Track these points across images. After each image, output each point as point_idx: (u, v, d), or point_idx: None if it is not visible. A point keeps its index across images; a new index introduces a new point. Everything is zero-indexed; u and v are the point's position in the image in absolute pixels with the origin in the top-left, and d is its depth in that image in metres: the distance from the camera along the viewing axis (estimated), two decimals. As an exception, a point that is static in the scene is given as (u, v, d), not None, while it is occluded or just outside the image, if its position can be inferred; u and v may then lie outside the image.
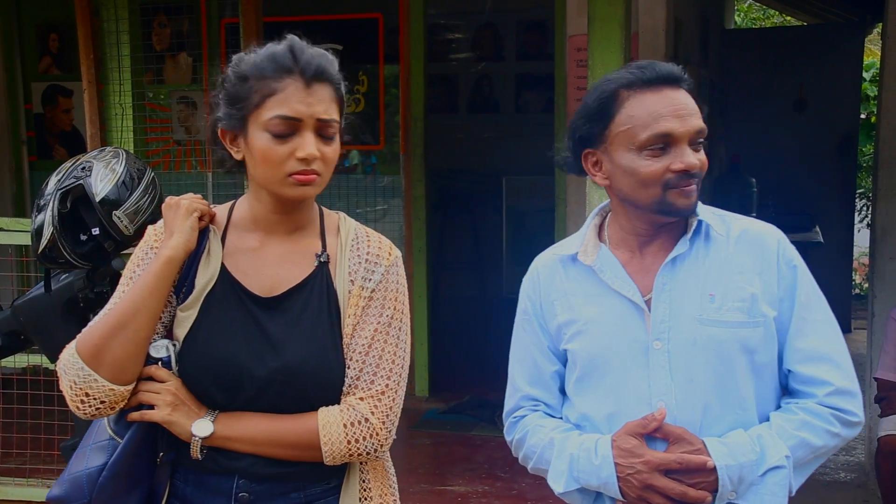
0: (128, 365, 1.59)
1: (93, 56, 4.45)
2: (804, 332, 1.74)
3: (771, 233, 1.79)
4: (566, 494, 1.77)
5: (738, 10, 12.07)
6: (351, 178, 5.91)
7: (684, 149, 1.70)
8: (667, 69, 1.73)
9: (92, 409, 1.59)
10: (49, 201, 2.19)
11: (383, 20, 5.59)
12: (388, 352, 1.66)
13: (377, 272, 1.68)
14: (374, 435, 1.63)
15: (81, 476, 1.62)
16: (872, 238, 4.72)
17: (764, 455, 1.67)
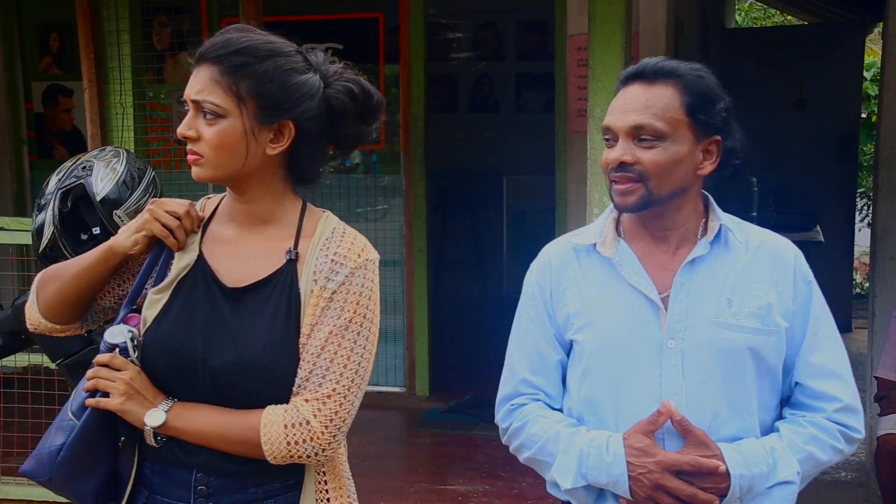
0: (55, 308, 1.74)
1: (93, 55, 4.44)
2: (816, 347, 1.77)
3: (788, 247, 1.81)
4: (572, 491, 1.76)
5: (739, 10, 12.07)
6: (352, 177, 5.91)
7: (619, 143, 1.73)
8: (641, 65, 1.75)
9: (31, 326, 1.78)
10: (50, 201, 2.19)
11: (384, 20, 5.59)
12: (340, 355, 1.61)
13: (341, 273, 1.64)
14: (314, 438, 1.59)
15: (44, 454, 1.66)
16: (873, 237, 4.72)
17: (775, 468, 1.68)
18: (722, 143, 1.76)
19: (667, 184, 1.71)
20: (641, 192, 1.71)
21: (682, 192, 1.75)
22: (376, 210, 5.88)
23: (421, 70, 5.47)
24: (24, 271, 5.15)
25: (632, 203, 1.73)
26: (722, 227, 1.78)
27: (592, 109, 3.02)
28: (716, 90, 1.75)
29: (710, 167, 1.76)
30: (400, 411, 5.41)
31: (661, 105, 1.71)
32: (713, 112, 1.73)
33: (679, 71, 1.74)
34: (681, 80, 1.72)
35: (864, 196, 9.40)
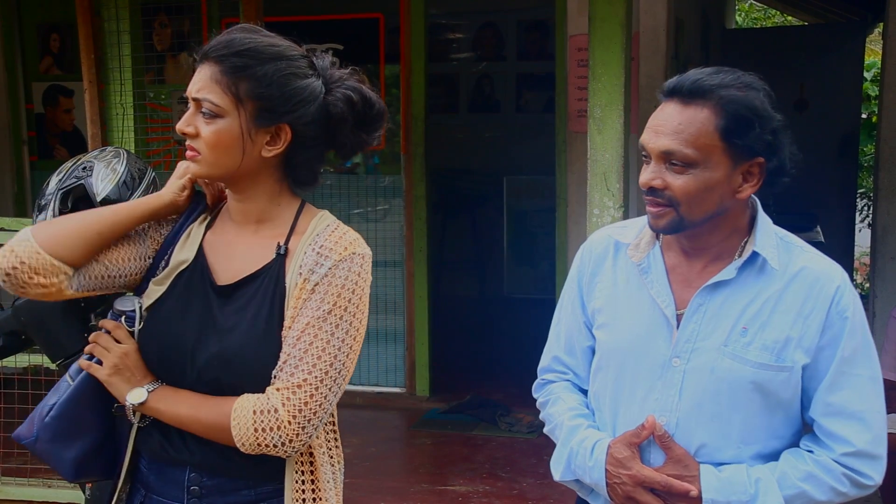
0: (62, 239, 1.61)
1: (94, 56, 4.44)
2: (840, 385, 1.67)
3: (832, 277, 1.69)
4: (563, 482, 1.84)
5: (739, 10, 12.07)
6: (352, 177, 5.91)
7: (651, 165, 1.67)
8: (679, 81, 1.66)
9: (9, 264, 1.58)
10: (50, 201, 2.19)
11: (384, 20, 5.58)
12: (315, 346, 1.60)
13: (324, 266, 1.63)
14: (280, 427, 1.57)
15: (36, 414, 1.68)
16: (873, 238, 4.72)
17: (755, 499, 1.64)
18: (765, 164, 1.66)
19: (698, 210, 1.65)
20: (672, 216, 1.66)
21: (717, 215, 1.68)
22: (376, 210, 5.88)
23: (421, 70, 5.47)
24: (25, 272, 5.15)
25: (663, 226, 1.69)
26: (755, 253, 1.69)
27: (593, 110, 3.02)
28: (759, 110, 1.63)
29: (751, 190, 1.67)
30: (400, 412, 5.41)
31: (694, 130, 1.62)
32: (753, 135, 1.62)
33: (718, 91, 1.63)
34: (718, 102, 1.62)
35: (865, 196, 9.40)
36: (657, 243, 1.78)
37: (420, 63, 5.46)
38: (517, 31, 8.24)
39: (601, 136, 3.02)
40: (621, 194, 3.03)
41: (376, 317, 5.70)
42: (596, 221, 3.04)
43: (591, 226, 3.06)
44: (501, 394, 5.52)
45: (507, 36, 8.30)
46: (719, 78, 1.65)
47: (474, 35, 8.43)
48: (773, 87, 1.72)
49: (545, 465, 4.81)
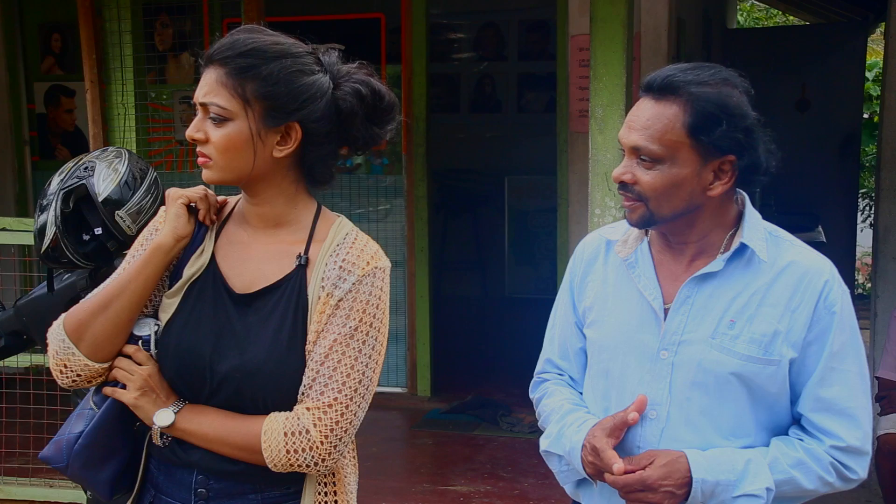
0: (105, 344, 1.63)
1: (95, 56, 4.44)
2: (829, 380, 1.67)
3: (820, 271, 1.68)
4: (546, 455, 1.86)
5: (741, 10, 12.06)
6: (353, 177, 5.91)
7: (623, 160, 1.70)
8: (651, 77, 1.68)
9: (69, 380, 1.65)
10: (52, 201, 2.19)
11: (385, 20, 5.58)
12: (344, 364, 1.59)
13: (348, 280, 1.61)
14: (313, 448, 1.57)
15: (63, 440, 1.67)
16: (875, 238, 4.72)
17: (743, 478, 1.64)
18: (736, 162, 1.65)
19: (667, 205, 1.66)
20: (642, 210, 1.68)
21: (689, 211, 1.68)
22: (378, 210, 5.88)
23: (423, 70, 5.47)
24: (27, 272, 5.16)
25: (635, 220, 1.71)
26: (744, 245, 1.69)
27: (594, 110, 3.02)
28: (730, 108, 1.62)
29: (722, 188, 1.66)
30: (402, 412, 5.41)
31: (660, 126, 1.63)
32: (721, 133, 1.62)
33: (688, 87, 1.63)
34: (688, 98, 1.62)
35: (866, 196, 9.39)
36: (645, 239, 1.79)
37: (421, 63, 5.47)
38: (518, 31, 8.24)
39: (602, 135, 3.02)
40: (623, 194, 3.02)
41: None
42: (597, 221, 3.04)
43: (593, 226, 3.05)
44: (503, 394, 5.52)
45: (509, 36, 8.30)
46: (693, 74, 1.65)
47: (475, 35, 8.43)
48: (774, 87, 1.72)
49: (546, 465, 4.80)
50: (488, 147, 8.33)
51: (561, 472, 1.85)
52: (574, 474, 1.82)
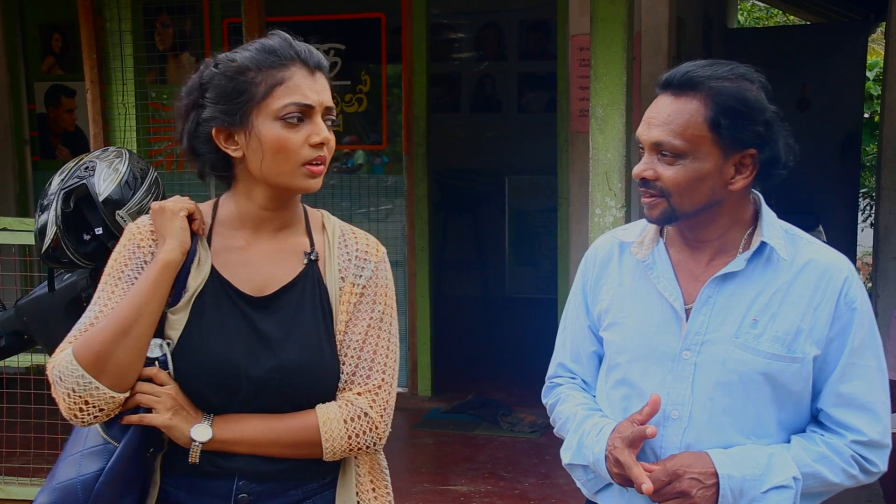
0: (130, 372, 1.57)
1: (96, 56, 4.45)
2: (850, 376, 1.68)
3: (840, 268, 1.70)
4: (571, 468, 1.83)
5: (741, 10, 12.06)
6: (353, 177, 5.91)
7: (644, 157, 1.69)
8: (671, 73, 1.69)
9: (91, 417, 1.56)
10: (52, 201, 2.19)
11: (386, 20, 5.58)
12: (381, 347, 1.67)
13: (367, 268, 1.69)
14: (373, 429, 1.64)
15: (75, 483, 1.58)
16: (876, 237, 4.72)
17: (769, 472, 1.64)
18: (757, 156, 1.66)
19: (689, 200, 1.67)
20: (664, 206, 1.68)
21: (711, 206, 1.69)
22: (378, 210, 5.88)
23: (423, 70, 5.47)
24: (27, 272, 5.16)
25: (656, 217, 1.71)
26: (764, 243, 1.70)
27: (594, 109, 3.02)
28: (750, 101, 1.65)
29: (743, 181, 1.67)
30: (402, 411, 5.39)
31: (682, 121, 1.64)
32: (742, 127, 1.63)
33: (708, 82, 1.65)
34: (708, 93, 1.64)
35: (867, 196, 9.39)
36: (661, 240, 1.79)
37: (422, 63, 5.46)
38: (519, 30, 8.24)
39: (603, 135, 3.01)
40: (623, 194, 3.02)
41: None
42: (598, 221, 3.04)
43: (593, 226, 3.06)
44: (503, 394, 5.52)
45: (509, 35, 8.30)
46: (711, 70, 1.67)
47: (476, 35, 8.43)
48: (774, 87, 1.72)
49: (547, 465, 4.82)
50: (489, 147, 8.33)
51: (588, 481, 1.83)
52: (600, 482, 1.81)
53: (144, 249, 1.66)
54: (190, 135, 1.65)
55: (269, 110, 1.59)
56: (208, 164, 1.67)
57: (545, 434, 4.89)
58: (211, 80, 1.63)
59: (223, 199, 1.72)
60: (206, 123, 1.63)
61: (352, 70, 5.65)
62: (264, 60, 1.60)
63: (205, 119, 1.63)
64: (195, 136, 1.65)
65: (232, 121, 1.61)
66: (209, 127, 1.63)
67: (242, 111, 1.60)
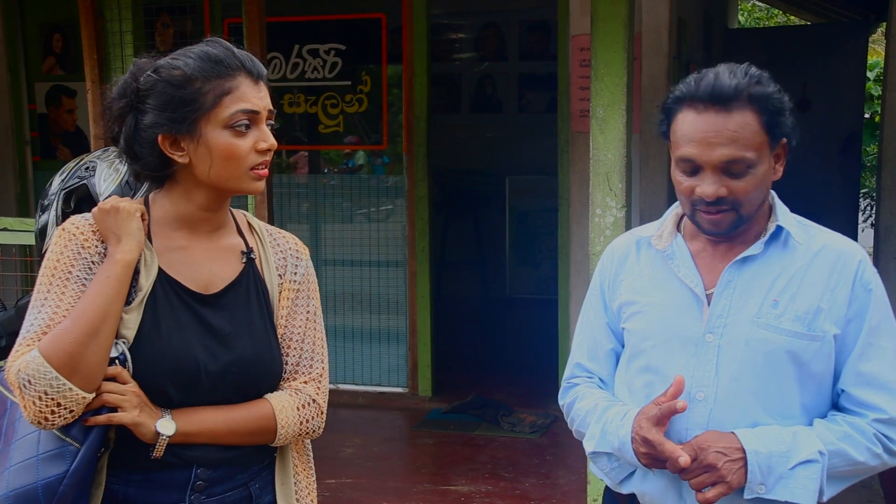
0: (99, 372, 1.58)
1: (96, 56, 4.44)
2: (868, 356, 1.73)
3: (853, 252, 1.78)
4: (594, 457, 1.85)
5: (742, 10, 12.06)
6: (354, 178, 5.91)
7: (707, 175, 1.69)
8: (717, 87, 1.69)
9: (61, 419, 1.55)
10: (53, 201, 2.19)
11: (386, 20, 5.59)
12: (318, 338, 1.80)
13: (301, 265, 1.81)
14: (320, 414, 1.77)
15: (35, 488, 1.56)
16: (876, 237, 4.72)
17: (795, 448, 1.67)
18: (787, 144, 1.76)
19: (754, 203, 1.73)
20: (733, 217, 1.72)
21: (763, 202, 1.77)
22: (379, 211, 5.89)
23: (423, 70, 5.47)
24: (27, 272, 5.16)
25: (724, 228, 1.74)
26: (780, 228, 1.77)
27: (595, 110, 3.02)
28: (782, 98, 1.73)
29: (781, 169, 1.76)
30: (402, 412, 5.41)
31: (748, 134, 1.68)
32: (782, 121, 1.72)
33: (748, 89, 1.69)
34: (755, 101, 1.69)
35: (868, 196, 9.39)
36: (678, 234, 1.85)
37: (422, 63, 5.47)
38: (519, 31, 8.24)
39: (603, 135, 3.02)
40: (624, 194, 3.03)
41: (379, 317, 5.70)
42: (598, 221, 3.04)
43: (594, 226, 3.06)
44: (504, 394, 5.51)
45: (510, 36, 8.30)
46: (740, 76, 1.71)
47: (476, 35, 8.43)
48: (775, 88, 1.76)
49: (548, 465, 4.81)
50: (489, 147, 8.33)
51: (612, 469, 1.85)
52: (625, 469, 1.83)
53: (90, 250, 1.66)
54: (129, 139, 1.68)
55: (218, 119, 1.63)
56: (148, 167, 1.69)
57: (545, 434, 4.89)
58: (153, 88, 1.65)
59: (155, 199, 1.74)
60: (150, 130, 1.65)
61: (352, 70, 5.65)
62: (211, 70, 1.63)
63: (148, 125, 1.65)
64: (135, 140, 1.68)
65: (178, 128, 1.64)
66: (153, 133, 1.65)
67: (190, 119, 1.63)
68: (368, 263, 5.71)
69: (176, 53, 1.68)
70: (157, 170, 1.70)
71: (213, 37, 1.71)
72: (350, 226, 5.79)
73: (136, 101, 1.66)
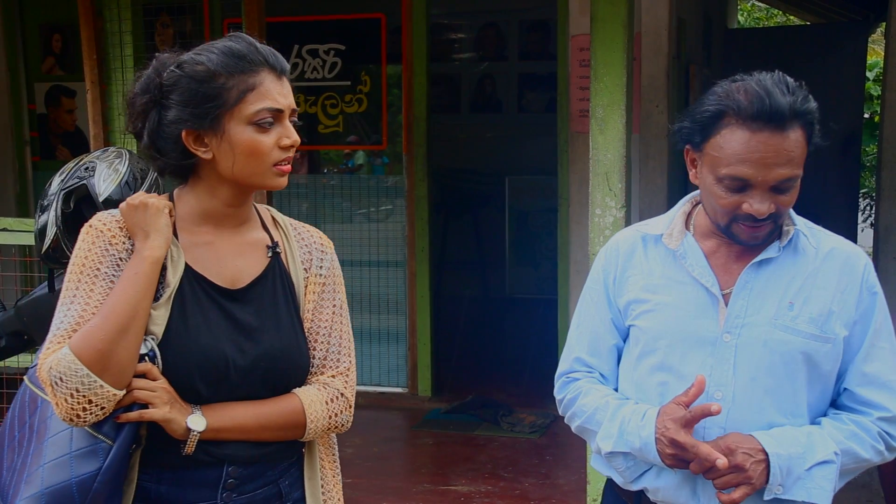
0: (129, 369, 1.58)
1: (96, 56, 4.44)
2: (872, 357, 1.78)
3: (859, 256, 1.82)
4: (611, 456, 1.84)
5: (741, 10, 12.07)
6: (354, 178, 5.91)
7: (758, 194, 1.68)
8: (776, 107, 1.65)
9: (93, 416, 1.56)
10: (52, 201, 2.19)
11: (386, 20, 5.59)
12: (345, 332, 1.79)
13: (326, 260, 1.81)
14: (349, 408, 1.76)
15: (69, 485, 1.57)
16: (876, 237, 4.72)
17: (811, 449, 1.70)
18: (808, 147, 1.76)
19: (788, 212, 1.78)
20: (771, 228, 1.75)
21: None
22: (379, 211, 5.89)
23: (423, 70, 5.47)
24: (27, 272, 5.16)
25: (762, 239, 1.76)
26: (797, 231, 1.80)
27: (595, 110, 3.02)
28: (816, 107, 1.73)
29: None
30: (402, 412, 5.41)
31: (800, 152, 1.69)
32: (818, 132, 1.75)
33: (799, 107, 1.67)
34: (803, 117, 1.69)
35: (867, 196, 9.39)
36: (688, 232, 1.86)
37: (422, 63, 5.47)
38: (519, 31, 8.23)
39: (603, 136, 3.02)
40: (623, 194, 3.03)
41: (378, 317, 5.70)
42: (598, 221, 3.04)
43: (593, 226, 3.06)
44: (503, 394, 5.51)
45: (509, 36, 8.29)
46: (793, 93, 1.68)
47: (476, 35, 8.43)
48: (774, 87, 1.75)
49: (547, 465, 4.81)
50: (489, 147, 8.33)
51: (627, 468, 1.84)
52: (640, 468, 1.83)
53: (118, 246, 1.66)
54: (152, 134, 1.67)
55: (242, 115, 1.62)
56: (171, 163, 1.69)
57: (545, 434, 4.89)
58: (176, 83, 1.64)
59: (180, 195, 1.74)
60: (174, 125, 1.64)
61: (352, 70, 5.65)
62: (234, 66, 1.62)
63: (171, 121, 1.64)
64: (159, 135, 1.67)
65: (202, 124, 1.63)
66: (177, 129, 1.64)
67: (213, 115, 1.62)
68: (368, 263, 5.71)
69: (199, 48, 1.67)
70: (181, 165, 1.69)
71: (236, 32, 1.70)
72: (350, 226, 5.79)
73: (159, 96, 1.65)
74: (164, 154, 1.68)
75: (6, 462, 1.75)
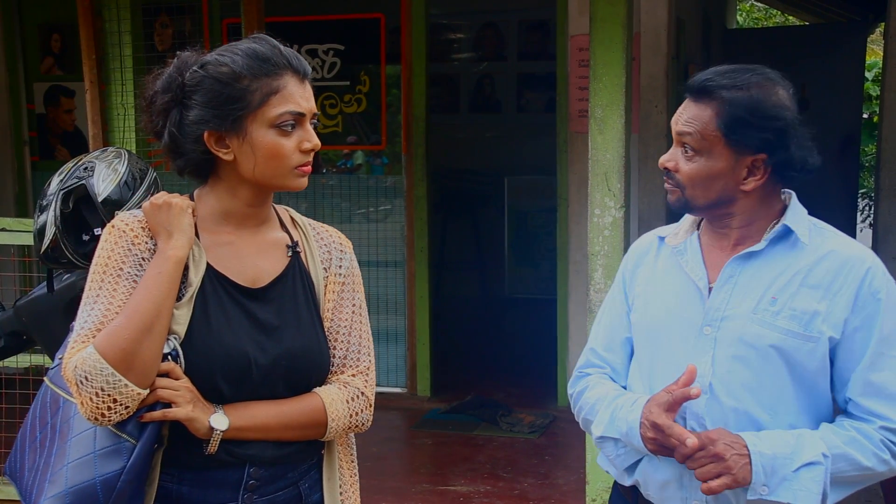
0: (153, 368, 1.58)
1: (95, 56, 4.45)
2: (879, 365, 1.73)
3: (862, 259, 1.77)
4: (601, 441, 1.88)
5: (740, 10, 12.07)
6: (353, 178, 5.91)
7: (672, 148, 1.84)
8: (690, 82, 1.81)
9: (117, 415, 1.56)
10: (52, 201, 2.19)
11: (385, 20, 5.59)
12: (364, 332, 1.80)
13: (345, 259, 1.82)
14: (369, 407, 1.77)
15: (94, 484, 1.57)
16: (875, 238, 4.72)
17: (799, 450, 1.68)
18: (767, 160, 1.75)
19: (702, 195, 1.79)
20: (679, 195, 1.82)
21: (723, 203, 1.79)
22: (378, 211, 5.88)
23: (422, 70, 5.47)
24: (26, 272, 5.16)
25: (672, 203, 1.85)
26: (785, 227, 1.78)
27: (594, 110, 3.02)
28: (761, 111, 1.73)
29: (755, 183, 1.76)
30: (401, 412, 5.41)
31: (700, 125, 1.77)
32: (750, 134, 1.73)
33: (721, 91, 1.75)
34: (721, 102, 1.75)
35: (866, 196, 9.40)
36: (696, 231, 1.89)
37: (421, 63, 5.47)
38: (518, 31, 8.24)
39: (602, 136, 3.02)
40: (622, 194, 3.03)
41: (377, 317, 5.70)
42: (597, 222, 3.04)
43: (593, 226, 3.06)
44: (503, 394, 5.52)
45: (508, 36, 8.30)
46: (728, 78, 1.78)
47: (475, 35, 8.43)
48: (774, 87, 1.77)
49: (547, 465, 4.81)
50: (488, 147, 8.33)
51: (617, 456, 1.87)
52: (630, 457, 1.85)
53: (140, 246, 1.66)
54: (173, 133, 1.67)
55: (265, 118, 1.63)
56: (191, 163, 1.69)
57: (544, 434, 4.89)
58: (200, 83, 1.63)
59: (200, 195, 1.74)
60: (195, 126, 1.64)
61: (351, 70, 5.65)
62: (259, 68, 1.62)
63: (193, 121, 1.64)
64: (180, 135, 1.66)
65: (224, 125, 1.63)
66: (199, 129, 1.64)
67: (236, 117, 1.62)
68: (367, 263, 5.71)
69: (222, 49, 1.67)
70: (201, 165, 1.69)
71: (258, 33, 1.70)
72: (349, 226, 5.79)
73: (181, 96, 1.65)
74: (185, 154, 1.68)
75: (28, 463, 1.77)
